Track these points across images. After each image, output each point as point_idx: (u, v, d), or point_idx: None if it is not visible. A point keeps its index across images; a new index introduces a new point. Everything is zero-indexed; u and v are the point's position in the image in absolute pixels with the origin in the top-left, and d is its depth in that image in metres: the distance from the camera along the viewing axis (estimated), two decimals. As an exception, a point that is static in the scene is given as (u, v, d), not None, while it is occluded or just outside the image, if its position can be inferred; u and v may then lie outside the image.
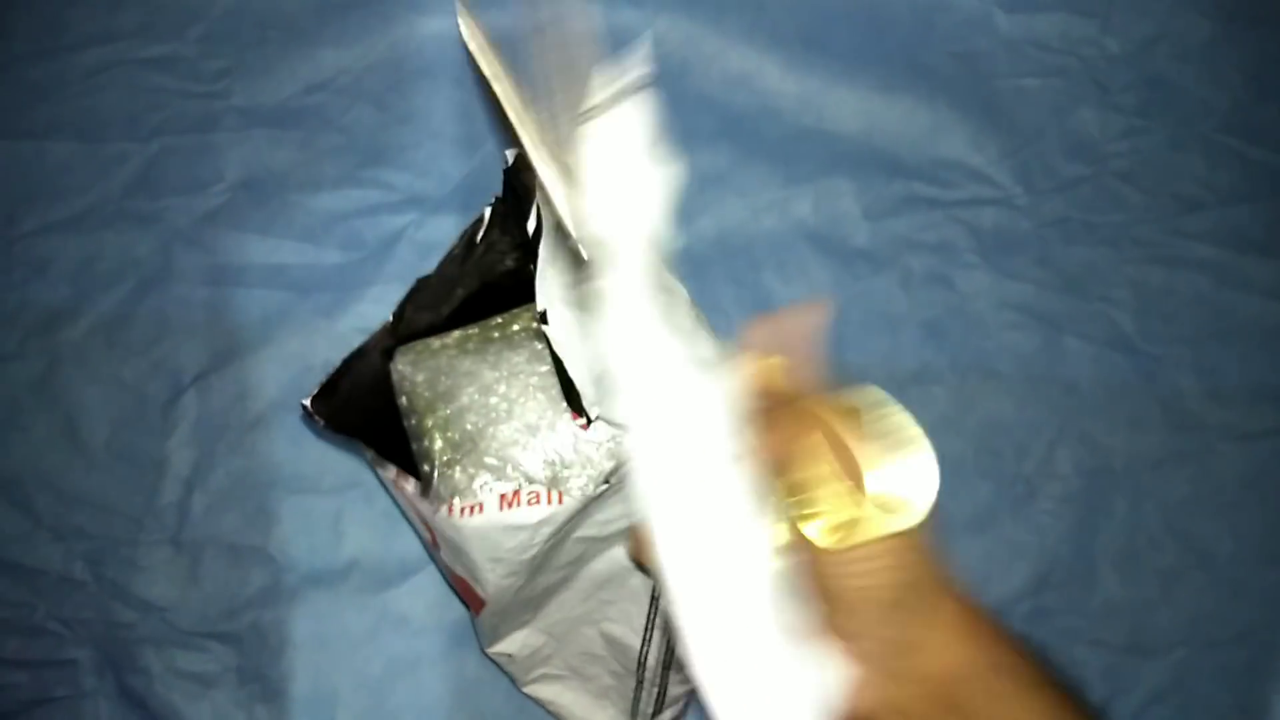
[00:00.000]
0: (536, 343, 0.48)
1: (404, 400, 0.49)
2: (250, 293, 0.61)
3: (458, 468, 0.47)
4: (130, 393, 0.60)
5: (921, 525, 0.30)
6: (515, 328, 0.50)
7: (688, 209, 0.63)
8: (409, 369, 0.49)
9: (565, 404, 0.47)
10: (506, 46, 0.64)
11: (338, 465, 0.59)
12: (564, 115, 0.37)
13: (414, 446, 0.49)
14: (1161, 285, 0.63)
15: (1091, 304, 0.62)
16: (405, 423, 0.50)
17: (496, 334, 0.50)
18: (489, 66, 0.40)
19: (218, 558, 0.58)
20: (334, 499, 0.59)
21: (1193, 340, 0.62)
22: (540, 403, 0.47)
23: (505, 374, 0.48)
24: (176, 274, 0.61)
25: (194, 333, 0.60)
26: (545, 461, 0.47)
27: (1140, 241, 0.63)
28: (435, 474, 0.47)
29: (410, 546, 0.58)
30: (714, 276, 0.62)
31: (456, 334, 0.50)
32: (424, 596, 0.58)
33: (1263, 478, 0.61)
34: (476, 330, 0.50)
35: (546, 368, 0.48)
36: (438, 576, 0.58)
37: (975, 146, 0.64)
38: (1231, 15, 0.66)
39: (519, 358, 0.48)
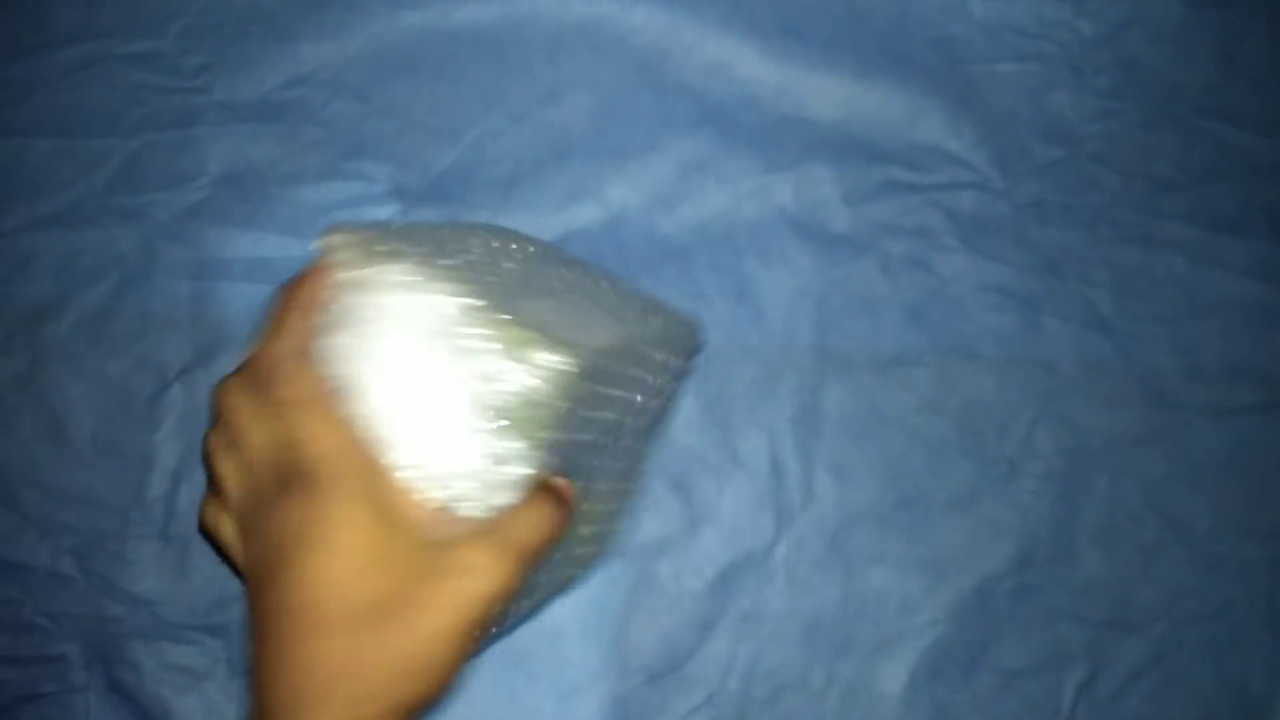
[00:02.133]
0: None
1: None
2: (234, 286, 0.61)
3: None
4: (115, 388, 0.60)
5: None
6: None
7: (669, 197, 0.64)
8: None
9: None
10: (490, 38, 0.65)
11: (324, 457, 0.59)
12: None
13: None
14: (1138, 265, 0.63)
15: (1069, 285, 0.63)
16: None
17: None
18: None
19: (206, 551, 0.58)
20: (321, 490, 0.59)
21: (1170, 319, 0.63)
22: None
23: None
24: (160, 269, 0.61)
25: (178, 327, 0.61)
26: None
27: (1116, 222, 0.64)
28: None
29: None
30: (696, 264, 0.63)
31: None
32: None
33: (1240, 454, 0.62)
34: None
35: None
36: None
37: (952, 131, 0.65)
38: (1203, -2, 0.67)
39: None
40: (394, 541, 0.38)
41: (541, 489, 0.41)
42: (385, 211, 0.62)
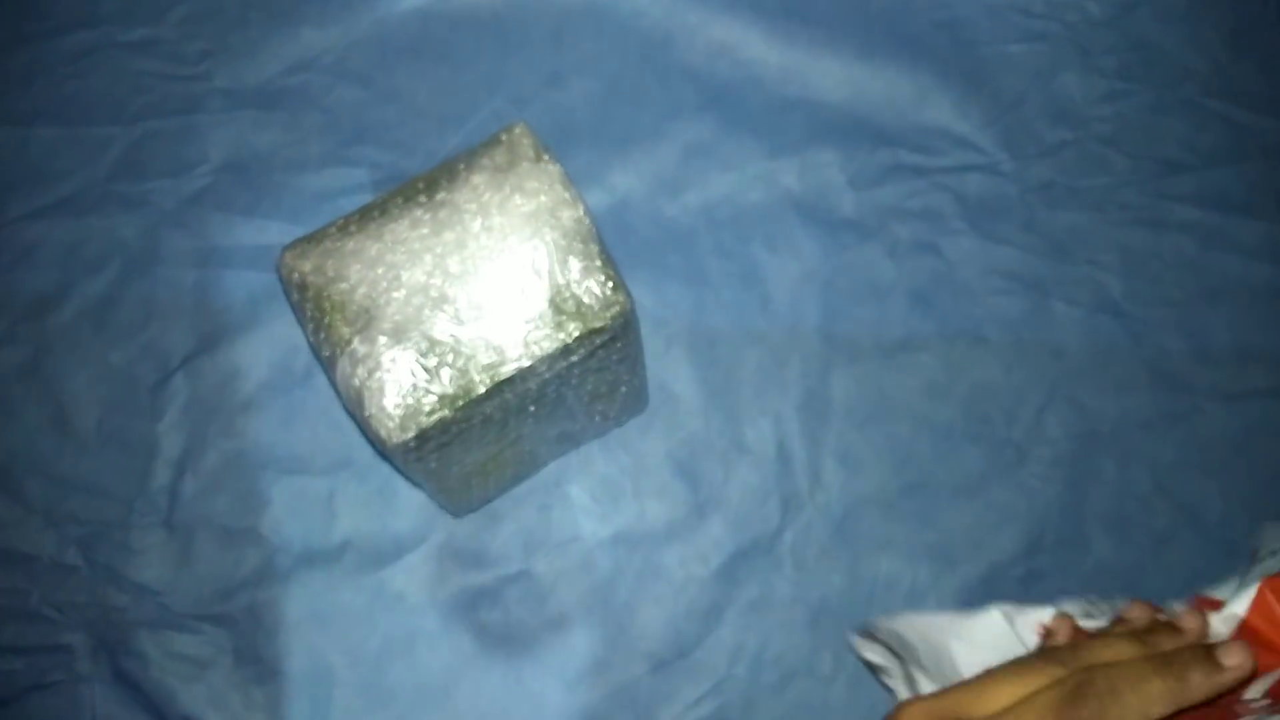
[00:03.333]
0: (416, 210, 0.49)
1: (295, 295, 0.49)
2: (238, 274, 0.61)
3: (357, 338, 0.47)
4: (119, 376, 0.60)
5: None
6: (399, 199, 0.50)
7: (674, 182, 0.63)
8: (295, 261, 0.49)
9: (451, 259, 0.47)
10: (493, 22, 0.64)
11: (329, 445, 0.59)
12: None
13: (312, 340, 0.49)
14: (1147, 248, 0.63)
15: (1078, 268, 0.63)
16: (299, 317, 0.50)
17: (377, 212, 0.50)
18: None
19: (210, 540, 0.58)
20: (326, 479, 0.59)
21: (1179, 302, 0.62)
22: (426, 263, 0.48)
23: (389, 243, 0.48)
24: (163, 257, 0.61)
25: (182, 315, 0.61)
26: (446, 318, 0.47)
27: (1125, 205, 0.64)
28: (340, 354, 0.47)
29: (404, 524, 0.58)
30: (701, 249, 0.63)
31: (340, 220, 0.50)
32: (418, 574, 0.58)
33: (1250, 438, 0.61)
34: (357, 214, 0.50)
35: (428, 230, 0.48)
36: (431, 554, 0.58)
37: (959, 113, 0.65)
38: (1212, -22, 0.67)
39: (399, 225, 0.49)
40: None
41: None
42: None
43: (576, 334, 0.47)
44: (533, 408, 0.51)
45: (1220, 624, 0.40)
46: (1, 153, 0.63)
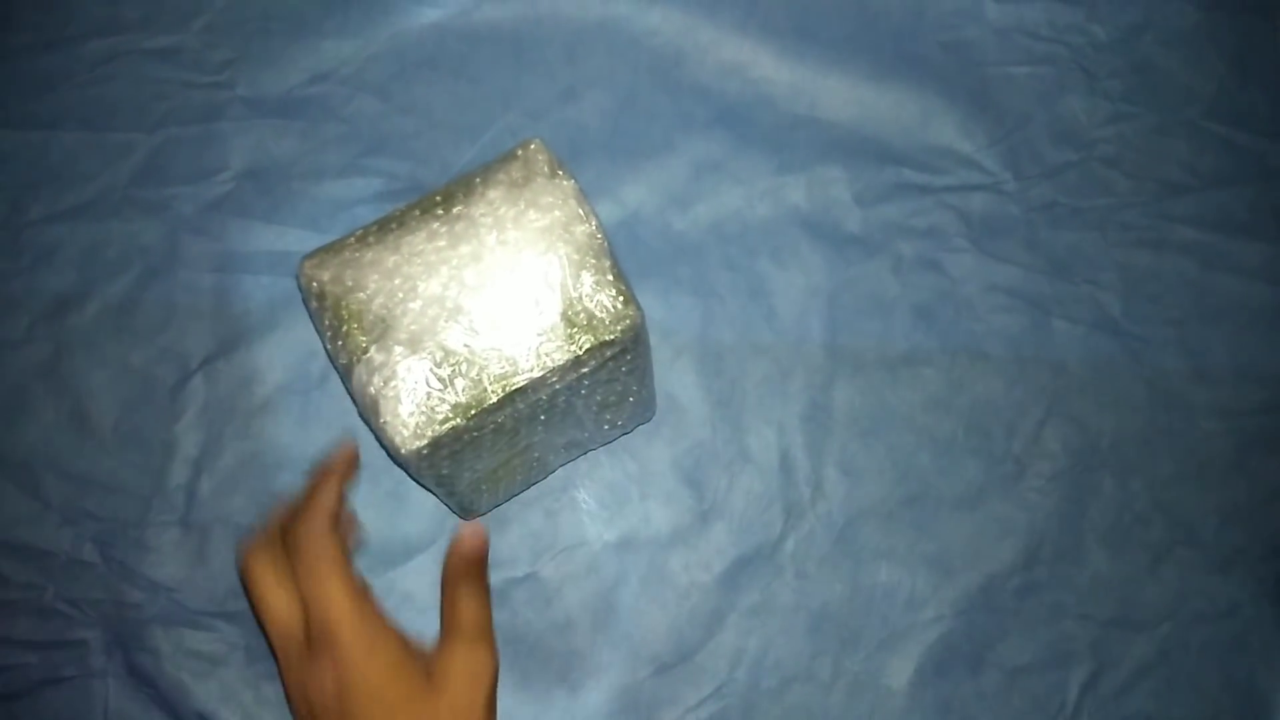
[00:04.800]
0: (433, 223, 0.49)
1: (314, 303, 0.50)
2: (256, 279, 0.62)
3: (373, 347, 0.48)
4: (138, 377, 0.61)
5: None
6: (416, 212, 0.51)
7: (684, 196, 0.64)
8: (314, 270, 0.50)
9: (467, 271, 0.49)
10: (509, 37, 0.65)
11: (342, 448, 0.60)
12: None
13: (329, 348, 0.50)
14: (1148, 268, 0.64)
15: (1079, 287, 0.63)
16: (317, 325, 0.51)
17: (394, 224, 0.50)
18: None
19: (226, 538, 0.59)
20: (339, 480, 0.60)
21: (1179, 321, 0.63)
22: (442, 275, 0.48)
23: (406, 255, 0.49)
24: (183, 261, 0.62)
25: (201, 318, 0.61)
26: (460, 329, 0.48)
27: (1127, 225, 0.64)
28: (356, 362, 0.48)
29: (415, 526, 0.59)
30: (710, 262, 0.63)
31: (358, 231, 0.51)
32: (428, 575, 0.59)
33: (1247, 455, 0.62)
34: (375, 225, 0.51)
35: (444, 243, 0.49)
36: (441, 556, 0.59)
37: (964, 133, 0.65)
38: (1216, 2, 0.68)
39: (417, 238, 0.49)
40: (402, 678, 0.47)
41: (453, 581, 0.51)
42: (404, 207, 0.63)
43: (587, 346, 0.48)
44: (543, 416, 0.52)
45: None
46: (24, 156, 0.64)
